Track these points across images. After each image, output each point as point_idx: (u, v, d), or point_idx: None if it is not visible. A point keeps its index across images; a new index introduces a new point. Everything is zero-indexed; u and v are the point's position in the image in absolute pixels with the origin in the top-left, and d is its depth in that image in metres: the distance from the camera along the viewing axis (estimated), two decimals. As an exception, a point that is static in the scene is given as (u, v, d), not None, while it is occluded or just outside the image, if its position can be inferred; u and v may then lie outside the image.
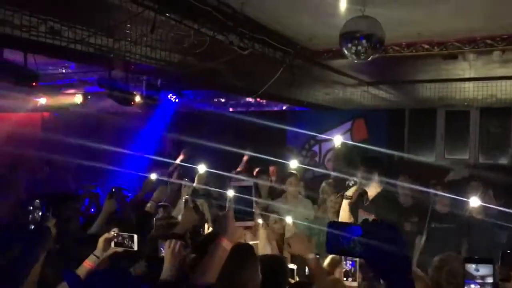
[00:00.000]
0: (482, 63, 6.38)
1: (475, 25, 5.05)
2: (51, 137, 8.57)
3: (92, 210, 6.11)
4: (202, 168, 5.92)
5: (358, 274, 2.52)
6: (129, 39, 4.70)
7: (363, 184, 4.87)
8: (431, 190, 5.30)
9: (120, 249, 2.63)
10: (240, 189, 2.03)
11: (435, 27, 5.24)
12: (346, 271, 2.51)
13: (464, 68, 6.74)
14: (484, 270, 1.32)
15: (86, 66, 6.88)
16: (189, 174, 6.75)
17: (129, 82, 6.20)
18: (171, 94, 7.22)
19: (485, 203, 5.21)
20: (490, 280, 1.32)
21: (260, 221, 4.62)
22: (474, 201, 5.00)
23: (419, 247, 5.42)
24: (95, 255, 2.60)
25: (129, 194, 5.60)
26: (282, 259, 2.98)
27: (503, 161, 7.86)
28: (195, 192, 5.46)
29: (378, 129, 8.68)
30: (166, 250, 2.40)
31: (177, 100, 7.41)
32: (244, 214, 1.98)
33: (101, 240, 2.64)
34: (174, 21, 4.27)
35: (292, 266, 3.13)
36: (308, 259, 2.42)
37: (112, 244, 2.65)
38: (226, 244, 1.95)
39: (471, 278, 1.32)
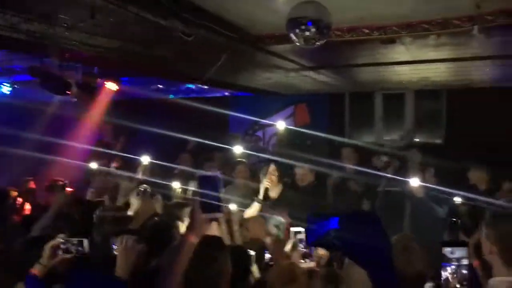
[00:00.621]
0: (417, 47, 6.60)
1: (413, 10, 5.19)
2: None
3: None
4: (145, 159, 5.78)
5: (315, 256, 2.55)
6: (65, 24, 4.42)
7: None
8: (381, 173, 5.50)
9: (69, 256, 2.49)
10: (205, 180, 1.92)
11: (376, 12, 5.35)
12: (304, 252, 2.54)
13: (401, 52, 6.95)
14: (459, 252, 1.36)
15: (13, 54, 6.44)
16: (130, 164, 6.57)
17: (64, 70, 5.86)
18: (109, 82, 6.92)
19: (425, 181, 5.50)
20: (465, 262, 1.36)
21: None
22: (414, 181, 5.28)
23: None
24: (41, 264, 2.44)
25: (69, 187, 5.38)
26: (244, 249, 2.96)
27: (436, 140, 8.27)
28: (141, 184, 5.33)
29: (319, 113, 8.85)
30: (119, 247, 2.30)
31: (115, 88, 7.12)
32: (211, 206, 1.88)
33: (47, 248, 2.49)
34: (114, 5, 4.06)
35: (251, 252, 3.12)
36: (267, 242, 2.41)
37: (60, 251, 2.50)
38: (194, 240, 1.86)
39: (448, 261, 1.36)
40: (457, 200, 5.21)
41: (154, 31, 4.68)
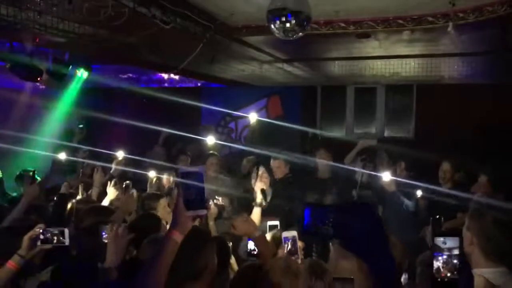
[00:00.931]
0: (390, 42, 6.70)
1: (389, 5, 5.27)
2: None
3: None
4: (120, 154, 5.69)
5: (300, 252, 2.56)
6: (37, 9, 4.27)
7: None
8: (357, 168, 5.57)
9: (48, 246, 2.42)
10: (188, 176, 1.84)
11: (352, 6, 5.39)
12: (290, 249, 2.54)
13: (374, 46, 7.04)
14: (450, 242, 1.40)
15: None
16: (101, 155, 6.45)
17: (34, 56, 5.67)
18: (79, 69, 6.74)
19: (397, 175, 5.61)
20: (456, 252, 1.40)
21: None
22: (386, 176, 5.38)
23: None
24: (19, 255, 2.36)
25: (38, 178, 5.22)
26: (224, 239, 2.94)
27: (407, 134, 8.45)
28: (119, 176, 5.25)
29: (292, 105, 8.89)
30: (109, 235, 2.25)
31: (86, 76, 6.94)
32: (195, 202, 1.82)
33: (25, 238, 2.41)
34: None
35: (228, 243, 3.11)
36: (255, 237, 2.40)
37: (39, 242, 2.42)
38: (177, 237, 1.81)
39: (440, 251, 1.39)
40: (419, 193, 5.33)
41: (130, 18, 4.57)
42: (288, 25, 3.80)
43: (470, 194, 4.66)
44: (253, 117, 8.45)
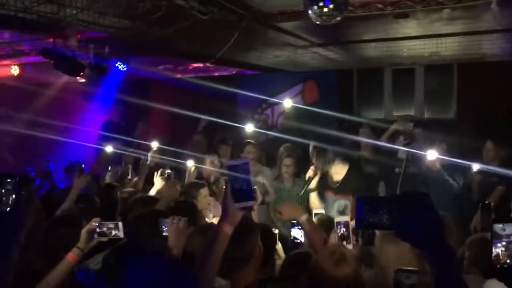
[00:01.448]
0: (429, 21, 6.53)
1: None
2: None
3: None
4: (155, 144, 5.82)
5: (352, 237, 2.57)
6: (79, 5, 4.38)
7: (321, 168, 5.02)
8: (399, 147, 5.51)
9: (104, 239, 2.52)
10: (235, 169, 1.85)
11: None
12: (341, 234, 2.55)
13: (412, 26, 6.88)
14: (510, 229, 1.37)
15: (22, 35, 6.40)
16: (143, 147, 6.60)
17: (76, 51, 5.83)
18: (119, 63, 6.89)
19: (439, 153, 5.52)
20: None
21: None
22: (431, 154, 5.30)
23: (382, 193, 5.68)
24: (78, 248, 2.47)
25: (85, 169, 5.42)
26: (269, 227, 2.98)
27: (448, 115, 8.24)
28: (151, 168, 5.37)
29: (328, 90, 8.80)
30: (170, 228, 2.31)
31: (125, 68, 7.09)
32: (243, 194, 1.82)
33: (83, 232, 2.51)
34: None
35: (275, 231, 3.15)
36: (302, 221, 2.42)
37: (95, 235, 2.53)
38: (228, 229, 1.84)
39: (499, 238, 1.37)
40: (474, 167, 5.22)
41: (167, 11, 4.64)
42: (325, 9, 3.77)
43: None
44: (287, 103, 8.43)
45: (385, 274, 2.00)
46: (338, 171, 5.16)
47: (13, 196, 2.34)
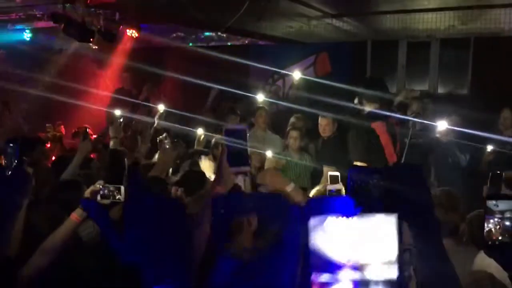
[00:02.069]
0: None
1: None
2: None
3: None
4: (161, 107, 5.82)
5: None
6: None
7: None
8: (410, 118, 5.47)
9: (107, 201, 2.55)
10: (233, 133, 1.87)
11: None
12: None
13: (428, -2, 6.73)
14: (503, 205, 1.37)
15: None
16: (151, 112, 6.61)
17: (86, 17, 5.81)
18: (130, 29, 6.85)
19: (449, 123, 5.47)
20: (509, 215, 1.37)
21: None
22: (442, 124, 5.24)
23: None
24: (82, 209, 2.51)
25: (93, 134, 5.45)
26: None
27: (462, 91, 8.11)
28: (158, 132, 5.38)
29: (341, 62, 8.67)
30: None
31: (136, 35, 7.06)
32: (238, 159, 1.84)
33: (86, 193, 2.54)
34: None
35: None
36: (288, 192, 2.39)
37: (98, 197, 2.56)
38: (221, 191, 1.84)
39: (491, 213, 1.37)
40: (489, 147, 5.17)
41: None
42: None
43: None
44: (296, 75, 8.33)
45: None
46: (326, 123, 5.22)
47: (15, 160, 2.39)
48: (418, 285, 1.26)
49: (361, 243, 1.05)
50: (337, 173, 3.24)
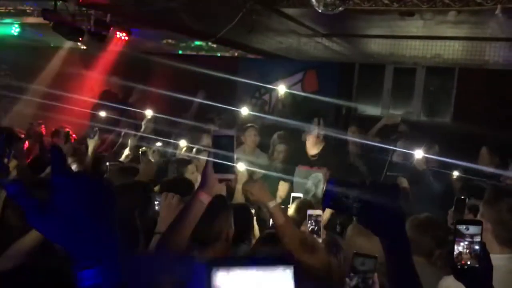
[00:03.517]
0: (435, 22, 6.50)
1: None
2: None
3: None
4: (149, 112, 5.78)
5: (322, 231, 2.56)
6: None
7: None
8: (388, 146, 5.51)
9: None
10: (220, 140, 1.82)
11: (396, -17, 5.25)
12: (312, 229, 2.55)
13: (417, 26, 6.85)
14: (473, 229, 1.39)
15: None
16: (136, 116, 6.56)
17: (77, 16, 5.78)
18: (119, 32, 6.84)
19: (426, 152, 5.53)
20: (478, 239, 1.39)
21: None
22: (419, 153, 5.31)
23: None
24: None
25: (73, 135, 5.39)
26: (248, 206, 2.99)
27: (445, 119, 8.25)
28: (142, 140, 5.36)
29: (328, 81, 8.75)
30: (163, 203, 2.32)
31: (126, 38, 7.04)
32: (224, 166, 1.80)
33: None
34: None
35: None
36: (270, 206, 2.39)
37: None
38: (205, 198, 1.83)
39: (461, 237, 1.39)
40: (455, 174, 5.25)
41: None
42: (329, -1, 3.73)
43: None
44: (281, 89, 8.37)
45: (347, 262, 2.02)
46: (313, 145, 5.23)
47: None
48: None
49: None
50: (300, 194, 3.27)
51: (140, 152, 4.32)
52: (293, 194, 3.18)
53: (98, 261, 0.93)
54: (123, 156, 5.14)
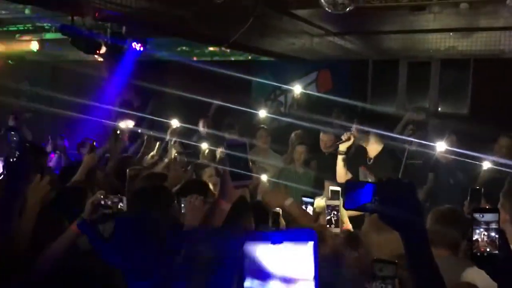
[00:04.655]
0: (446, 15, 6.49)
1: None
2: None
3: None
4: (175, 122, 5.87)
5: (340, 221, 2.63)
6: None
7: (359, 139, 4.95)
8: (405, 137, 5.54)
9: (108, 212, 2.61)
10: (235, 148, 1.93)
11: (405, -22, 5.28)
12: (329, 219, 2.62)
13: (428, 19, 6.84)
14: (488, 216, 1.44)
15: (43, 11, 6.53)
16: (157, 126, 6.68)
17: (94, 29, 5.94)
18: (135, 42, 6.99)
19: (448, 144, 5.53)
20: (494, 226, 1.44)
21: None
22: (440, 146, 5.32)
23: None
24: (82, 218, 2.56)
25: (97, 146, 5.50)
26: (262, 204, 3.04)
27: (461, 110, 8.20)
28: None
29: (342, 80, 8.79)
30: (187, 206, 2.42)
31: (141, 48, 7.19)
32: (240, 173, 1.89)
33: (88, 203, 2.60)
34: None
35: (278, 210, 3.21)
36: (287, 205, 2.48)
37: (100, 207, 2.61)
38: (224, 206, 1.94)
39: (478, 224, 1.44)
40: (485, 165, 5.20)
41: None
42: (338, -2, 3.79)
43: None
44: (297, 89, 8.43)
45: (368, 257, 2.08)
46: (372, 147, 5.10)
47: (18, 148, 2.40)
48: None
49: (286, 264, 1.27)
50: (338, 188, 3.31)
51: (171, 158, 4.44)
52: (331, 187, 3.19)
53: (150, 275, 1.05)
54: (149, 156, 5.22)
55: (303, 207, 3.07)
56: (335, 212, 2.61)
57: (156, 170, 4.40)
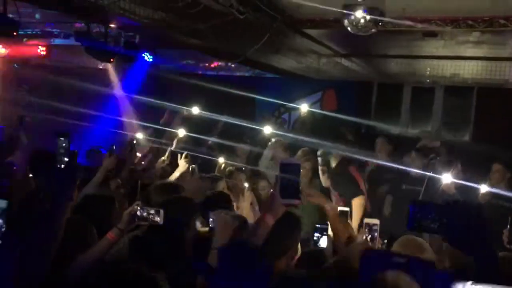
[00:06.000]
0: (456, 42, 6.62)
1: (460, 6, 5.21)
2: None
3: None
4: (181, 132, 5.85)
5: (378, 239, 2.65)
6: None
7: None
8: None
9: (145, 223, 2.59)
10: (288, 166, 1.97)
11: (419, 5, 5.37)
12: (366, 237, 2.63)
13: (438, 46, 6.97)
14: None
15: (52, 16, 6.53)
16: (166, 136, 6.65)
17: (108, 37, 5.96)
18: (146, 53, 7.01)
19: (454, 176, 5.54)
20: None
21: (246, 185, 4.68)
22: (446, 178, 5.31)
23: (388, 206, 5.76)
24: (119, 228, 2.54)
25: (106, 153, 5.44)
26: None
27: (464, 137, 8.29)
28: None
29: (347, 101, 8.85)
30: (216, 222, 2.43)
31: (151, 59, 7.22)
32: (289, 192, 1.95)
33: (125, 213, 2.59)
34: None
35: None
36: (327, 208, 2.54)
37: (136, 218, 2.59)
38: (270, 220, 1.97)
39: None
40: (482, 189, 5.19)
41: (205, 6, 4.74)
42: (362, 20, 3.85)
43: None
44: (304, 108, 8.47)
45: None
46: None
47: (66, 154, 2.36)
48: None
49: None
50: (347, 209, 3.34)
51: (186, 169, 4.43)
52: (340, 208, 3.22)
53: None
54: (159, 161, 5.18)
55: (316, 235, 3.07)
56: (372, 230, 2.63)
57: (169, 181, 4.37)
